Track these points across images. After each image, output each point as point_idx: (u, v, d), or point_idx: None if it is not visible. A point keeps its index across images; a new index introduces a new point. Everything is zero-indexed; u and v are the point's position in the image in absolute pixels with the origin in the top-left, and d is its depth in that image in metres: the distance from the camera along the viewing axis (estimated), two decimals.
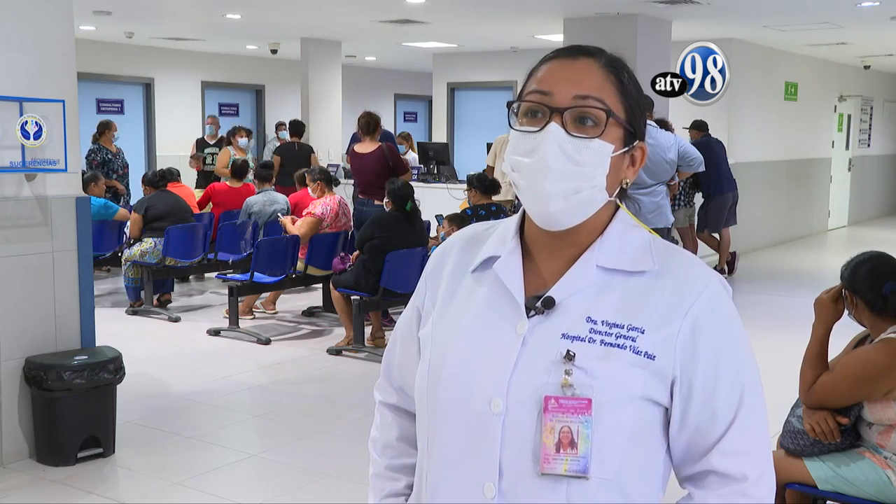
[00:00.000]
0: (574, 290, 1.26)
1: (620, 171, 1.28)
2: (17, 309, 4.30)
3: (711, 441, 1.24)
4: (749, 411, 1.25)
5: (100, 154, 9.57)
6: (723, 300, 1.26)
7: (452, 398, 1.27)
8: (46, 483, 4.11)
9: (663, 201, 6.45)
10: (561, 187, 1.23)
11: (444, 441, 1.28)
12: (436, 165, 10.50)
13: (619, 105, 1.26)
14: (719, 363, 1.24)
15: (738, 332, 1.27)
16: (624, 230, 1.30)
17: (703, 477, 1.26)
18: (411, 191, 6.51)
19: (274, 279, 7.11)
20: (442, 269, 1.39)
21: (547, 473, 1.20)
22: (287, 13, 9.62)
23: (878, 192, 16.69)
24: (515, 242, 1.32)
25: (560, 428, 1.19)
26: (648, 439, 1.24)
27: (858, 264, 2.99)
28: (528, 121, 1.26)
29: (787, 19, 9.47)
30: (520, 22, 9.89)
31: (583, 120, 1.24)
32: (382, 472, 1.47)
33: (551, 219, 1.25)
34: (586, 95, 1.24)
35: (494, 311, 1.28)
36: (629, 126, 1.27)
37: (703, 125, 9.57)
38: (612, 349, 1.21)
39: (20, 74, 4.23)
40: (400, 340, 1.46)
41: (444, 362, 1.29)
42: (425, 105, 17.89)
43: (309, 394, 5.61)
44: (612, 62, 1.29)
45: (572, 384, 1.20)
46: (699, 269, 1.28)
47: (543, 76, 1.27)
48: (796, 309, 7.98)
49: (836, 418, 2.89)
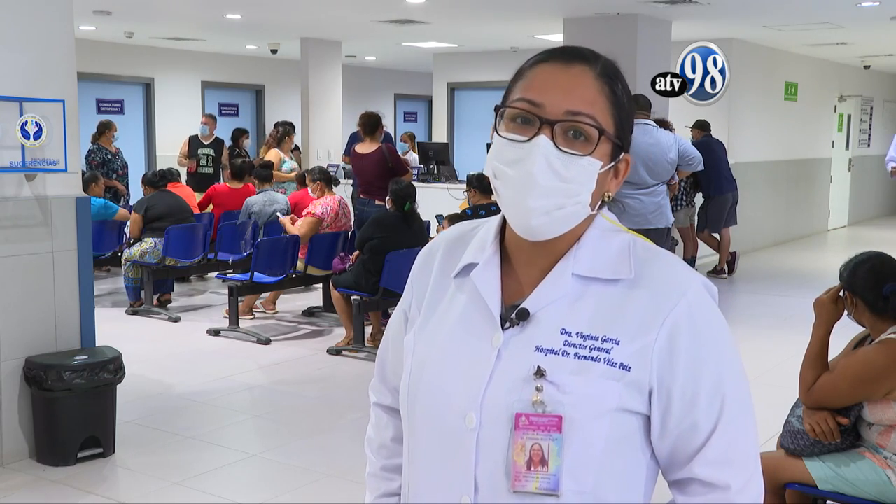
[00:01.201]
0: (549, 300, 1.22)
1: (605, 185, 1.25)
2: (17, 309, 4.30)
3: (693, 449, 1.21)
4: (732, 419, 1.21)
5: (99, 154, 9.56)
6: (703, 306, 1.22)
7: (429, 411, 1.26)
8: (46, 483, 4.11)
9: (664, 201, 6.45)
10: (545, 203, 1.18)
11: (422, 454, 1.28)
12: (436, 165, 10.51)
13: (611, 119, 1.22)
14: (699, 372, 1.20)
15: (720, 339, 1.23)
16: (601, 236, 1.26)
17: (687, 484, 1.24)
18: (413, 191, 6.52)
19: (274, 279, 7.11)
20: (428, 273, 1.37)
21: (518, 491, 1.18)
22: (287, 13, 9.62)
23: (878, 192, 16.69)
24: (494, 248, 1.29)
25: (531, 446, 1.17)
26: (627, 450, 1.22)
27: (858, 265, 2.98)
28: (515, 128, 1.21)
29: (787, 19, 9.47)
30: (520, 22, 9.88)
31: (574, 134, 1.19)
32: (377, 472, 1.47)
33: (532, 231, 1.22)
34: (579, 112, 1.19)
35: (471, 323, 1.26)
36: (618, 140, 1.23)
37: (705, 125, 9.57)
38: (585, 362, 1.18)
39: (20, 74, 4.23)
40: (391, 342, 1.46)
41: (422, 374, 1.28)
42: (425, 105, 17.89)
43: (309, 394, 5.61)
44: (607, 71, 1.24)
45: (543, 401, 1.17)
46: (679, 274, 1.23)
47: (535, 83, 1.22)
48: (796, 309, 7.97)
49: (837, 418, 2.89)
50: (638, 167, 6.29)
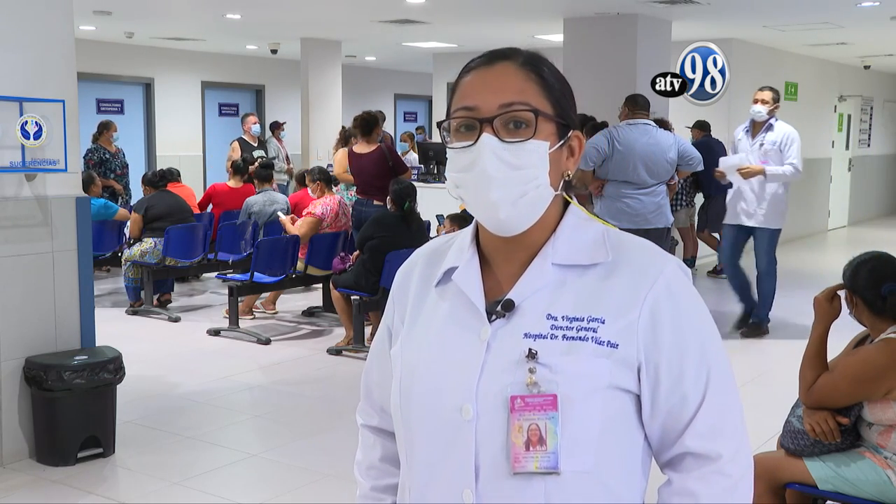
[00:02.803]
0: (532, 290, 1.26)
1: (560, 165, 1.29)
2: (17, 309, 4.30)
3: (684, 423, 1.25)
4: (718, 390, 1.26)
5: (97, 154, 9.56)
6: (680, 283, 1.27)
7: (424, 410, 1.28)
8: (46, 483, 4.11)
9: (663, 201, 6.45)
10: (506, 193, 1.23)
11: (420, 454, 1.29)
12: (436, 165, 10.51)
13: (545, 101, 1.26)
14: (683, 345, 1.24)
15: (699, 314, 1.28)
16: (576, 225, 1.30)
17: (679, 460, 1.27)
18: (414, 191, 6.53)
19: (274, 279, 7.11)
20: (408, 287, 1.40)
21: (519, 472, 1.20)
22: (287, 13, 9.62)
23: (878, 192, 16.68)
24: (472, 251, 1.33)
25: (528, 426, 1.20)
26: (623, 429, 1.25)
27: (860, 264, 2.99)
28: (459, 137, 1.27)
29: (787, 19, 9.47)
30: (520, 22, 9.88)
31: (514, 125, 1.24)
32: (367, 493, 1.49)
33: (503, 226, 1.26)
34: (511, 102, 1.24)
35: (458, 321, 1.29)
36: (560, 119, 1.28)
37: (705, 125, 9.59)
38: (574, 342, 1.22)
39: (20, 74, 4.23)
40: (376, 360, 1.48)
41: (414, 377, 1.30)
42: (425, 105, 17.90)
43: (309, 394, 5.61)
44: (529, 59, 1.29)
45: (536, 381, 1.21)
46: (654, 255, 1.28)
47: (466, 90, 1.28)
48: (796, 309, 7.97)
49: (837, 418, 2.89)
50: (638, 167, 6.29)
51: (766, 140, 6.87)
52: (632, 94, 6.65)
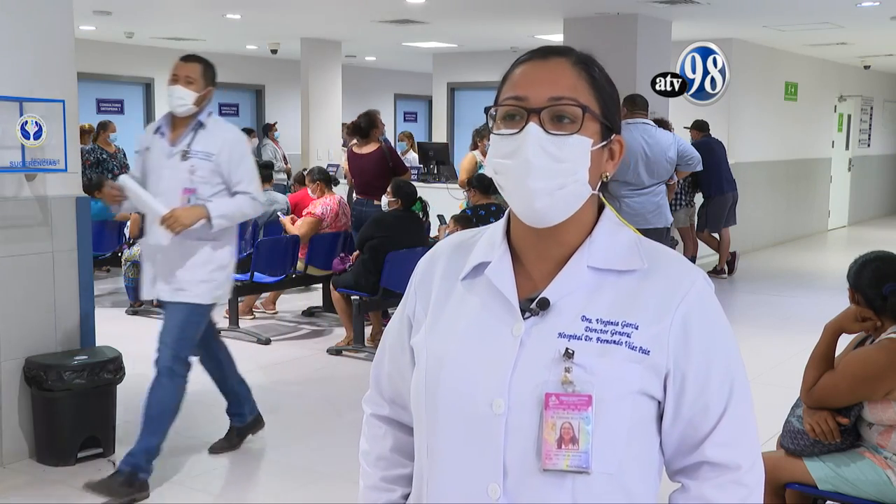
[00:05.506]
0: (567, 290, 1.27)
1: (601, 165, 1.31)
2: (17, 309, 4.30)
3: (704, 432, 1.27)
4: (739, 402, 1.28)
5: (94, 154, 9.56)
6: (710, 296, 1.30)
7: (453, 403, 1.28)
8: (46, 483, 4.11)
9: (663, 201, 6.45)
10: (545, 184, 1.24)
11: (445, 446, 1.29)
12: (436, 165, 10.50)
13: (594, 100, 1.28)
14: (710, 356, 1.27)
15: (725, 327, 1.31)
16: (611, 230, 1.33)
17: (696, 468, 1.28)
18: (415, 191, 6.57)
19: (274, 279, 7.11)
20: (432, 277, 1.40)
21: (549, 469, 1.21)
22: (287, 13, 9.62)
23: (878, 192, 16.69)
24: (504, 247, 1.33)
25: (561, 424, 1.21)
26: (645, 433, 1.26)
27: (865, 263, 2.99)
28: (506, 124, 1.28)
29: (787, 19, 9.47)
30: (520, 22, 9.88)
31: (560, 118, 1.26)
32: (377, 484, 1.48)
33: (538, 216, 1.27)
34: (561, 96, 1.26)
35: (490, 316, 1.29)
36: (605, 120, 1.30)
37: (703, 125, 9.57)
38: (608, 346, 1.23)
39: (20, 74, 4.23)
40: (389, 351, 1.47)
41: (442, 368, 1.29)
42: (425, 105, 17.89)
43: (309, 394, 5.61)
44: (583, 59, 1.31)
45: (572, 381, 1.22)
46: (686, 266, 1.31)
47: (518, 80, 1.29)
48: (796, 309, 7.98)
49: (837, 418, 2.89)
50: (637, 167, 6.29)
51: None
52: (630, 94, 6.65)
